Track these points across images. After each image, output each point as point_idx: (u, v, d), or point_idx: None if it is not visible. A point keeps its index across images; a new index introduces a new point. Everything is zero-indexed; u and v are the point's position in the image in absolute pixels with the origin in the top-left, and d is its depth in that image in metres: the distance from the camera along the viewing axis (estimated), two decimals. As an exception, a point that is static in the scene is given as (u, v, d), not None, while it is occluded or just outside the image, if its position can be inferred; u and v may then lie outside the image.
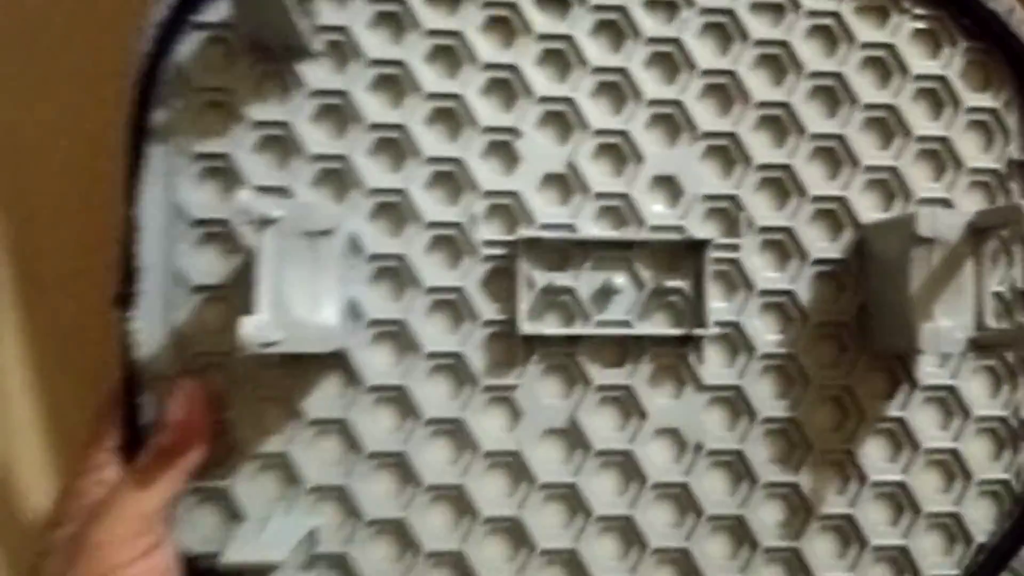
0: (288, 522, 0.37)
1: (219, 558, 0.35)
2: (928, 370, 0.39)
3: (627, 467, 0.39)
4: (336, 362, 0.38)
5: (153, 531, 0.34)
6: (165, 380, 0.37)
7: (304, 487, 0.37)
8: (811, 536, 0.39)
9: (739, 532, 0.39)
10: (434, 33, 0.39)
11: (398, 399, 0.38)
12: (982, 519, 0.40)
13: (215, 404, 0.37)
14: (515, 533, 0.38)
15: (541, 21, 0.39)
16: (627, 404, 0.39)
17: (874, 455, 0.39)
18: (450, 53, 0.39)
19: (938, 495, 0.39)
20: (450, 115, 0.39)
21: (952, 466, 0.39)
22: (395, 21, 0.39)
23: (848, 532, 0.39)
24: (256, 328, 0.31)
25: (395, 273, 0.38)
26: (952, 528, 0.39)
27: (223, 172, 0.38)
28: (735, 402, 0.39)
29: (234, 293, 0.37)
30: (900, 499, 0.39)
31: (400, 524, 0.38)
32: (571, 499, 0.38)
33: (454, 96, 0.38)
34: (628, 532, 0.38)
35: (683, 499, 0.39)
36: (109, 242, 0.38)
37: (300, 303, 0.34)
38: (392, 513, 0.38)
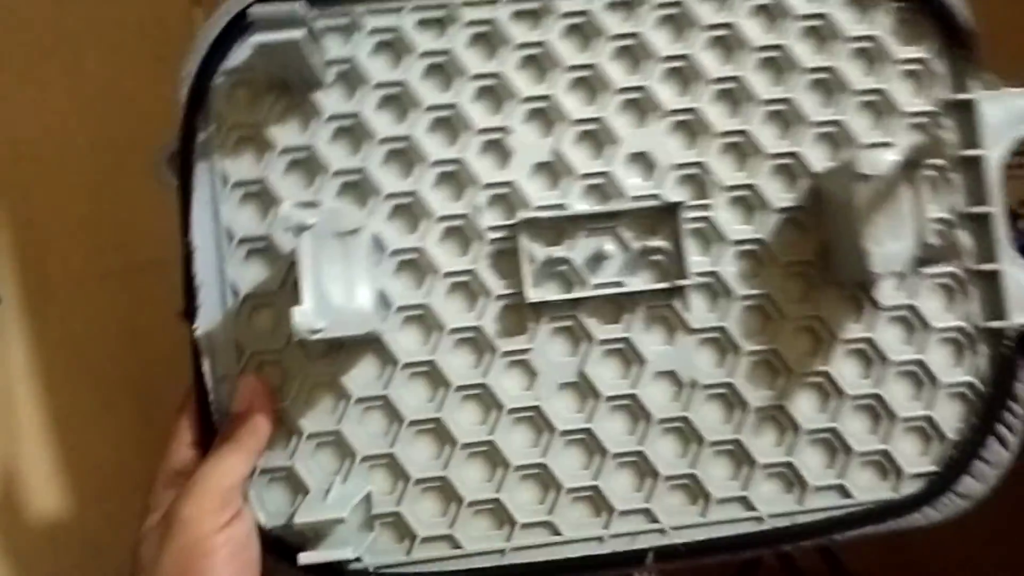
0: (346, 488, 0.43)
1: (291, 522, 0.41)
2: (888, 292, 0.45)
3: (633, 409, 0.44)
4: (373, 347, 0.44)
5: (233, 504, 0.40)
6: (229, 379, 0.43)
7: (357, 458, 0.43)
8: (802, 450, 0.44)
9: (738, 455, 0.44)
10: (427, 54, 0.45)
11: (429, 373, 0.44)
12: (952, 418, 0.45)
13: (273, 395, 0.43)
14: (543, 478, 0.44)
15: (518, 32, 0.45)
16: (627, 354, 0.44)
17: (849, 373, 0.45)
18: (442, 69, 0.45)
19: (910, 402, 0.45)
20: (448, 122, 0.45)
21: (920, 375, 0.45)
22: (393, 47, 0.45)
23: (834, 443, 0.44)
24: (304, 316, 0.38)
25: (415, 264, 0.44)
26: (926, 429, 0.45)
27: (260, 195, 0.44)
28: (721, 341, 0.44)
29: (279, 299, 0.43)
30: (877, 409, 0.45)
31: (443, 480, 0.44)
32: (588, 443, 0.44)
33: (450, 106, 0.44)
34: (641, 466, 0.44)
35: (686, 431, 0.44)
36: (116, 249, 0.42)
37: (337, 294, 0.40)
38: (434, 472, 0.44)
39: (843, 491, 0.44)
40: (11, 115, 0.50)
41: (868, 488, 0.44)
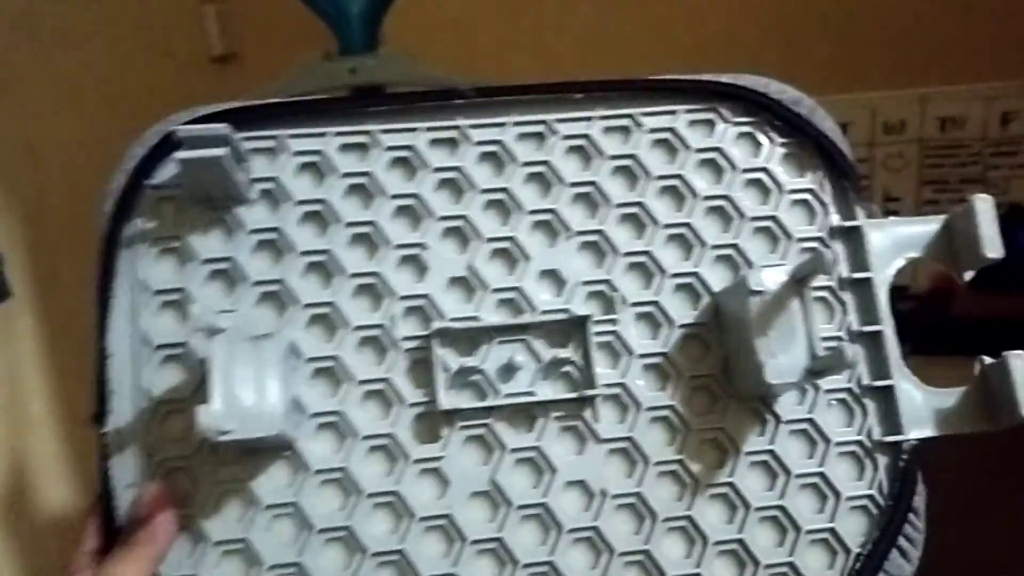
0: (252, 599, 0.42)
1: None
2: (788, 407, 0.46)
3: (544, 518, 0.44)
4: (285, 453, 0.44)
5: None
6: (135, 485, 0.43)
7: (263, 567, 0.43)
8: (710, 562, 0.45)
9: (647, 567, 0.44)
10: (349, 175, 0.47)
11: (341, 480, 0.44)
12: (855, 531, 0.46)
13: (174, 501, 0.43)
14: (454, 589, 0.43)
15: (435, 157, 0.48)
16: (538, 463, 0.45)
17: (754, 485, 0.46)
18: (363, 189, 0.47)
19: (814, 514, 0.46)
20: (367, 238, 0.47)
21: (822, 487, 0.46)
22: (316, 168, 0.47)
23: (742, 555, 0.45)
24: (210, 416, 0.38)
25: (330, 372, 0.45)
26: (831, 542, 0.45)
27: (180, 303, 0.45)
28: (630, 451, 0.45)
29: (192, 404, 0.43)
30: (782, 521, 0.45)
31: (352, 591, 0.43)
32: (499, 552, 0.44)
33: (369, 223, 0.47)
34: (552, 576, 0.44)
35: (596, 541, 0.44)
36: None
37: (248, 396, 0.40)
38: (344, 583, 0.43)
39: (752, 603, 0.44)
40: (25, 114, 0.51)
41: (776, 600, 0.45)
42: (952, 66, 0.87)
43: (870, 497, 0.46)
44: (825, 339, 0.45)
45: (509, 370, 0.45)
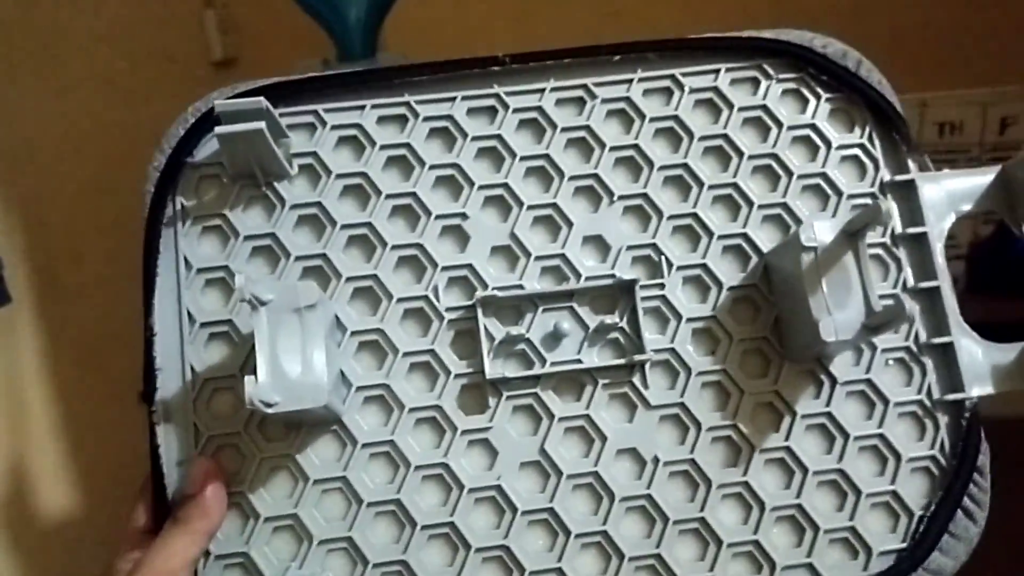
0: (302, 574, 0.42)
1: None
2: (844, 368, 0.45)
3: (596, 487, 0.44)
4: (332, 428, 0.44)
5: None
6: (185, 463, 0.43)
7: (314, 542, 0.42)
8: (768, 528, 0.43)
9: (704, 534, 0.43)
10: (387, 147, 0.47)
11: (389, 453, 0.44)
12: (917, 493, 0.44)
13: (226, 477, 0.42)
14: (505, 560, 0.43)
15: (474, 126, 0.47)
16: (588, 431, 0.44)
17: (812, 448, 0.44)
18: (402, 160, 0.47)
19: (874, 477, 0.44)
20: (407, 210, 0.46)
21: (882, 449, 0.45)
22: (355, 141, 0.47)
23: (800, 521, 0.44)
24: (257, 388, 0.38)
25: (375, 345, 0.45)
26: (892, 505, 0.44)
27: (223, 281, 0.45)
28: (681, 418, 0.44)
29: (238, 382, 0.44)
30: (842, 485, 0.44)
31: (402, 564, 0.42)
32: (551, 523, 0.43)
33: (409, 194, 0.46)
34: (606, 547, 0.43)
35: (650, 510, 0.43)
36: (128, 253, 0.42)
37: (294, 368, 0.40)
38: (394, 556, 0.42)
39: (812, 570, 0.43)
40: (26, 118, 0.51)
41: (837, 566, 0.43)
42: (951, 71, 0.87)
43: (932, 458, 0.45)
44: (881, 297, 0.44)
45: (555, 338, 0.45)
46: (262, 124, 0.42)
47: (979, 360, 0.45)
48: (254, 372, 0.39)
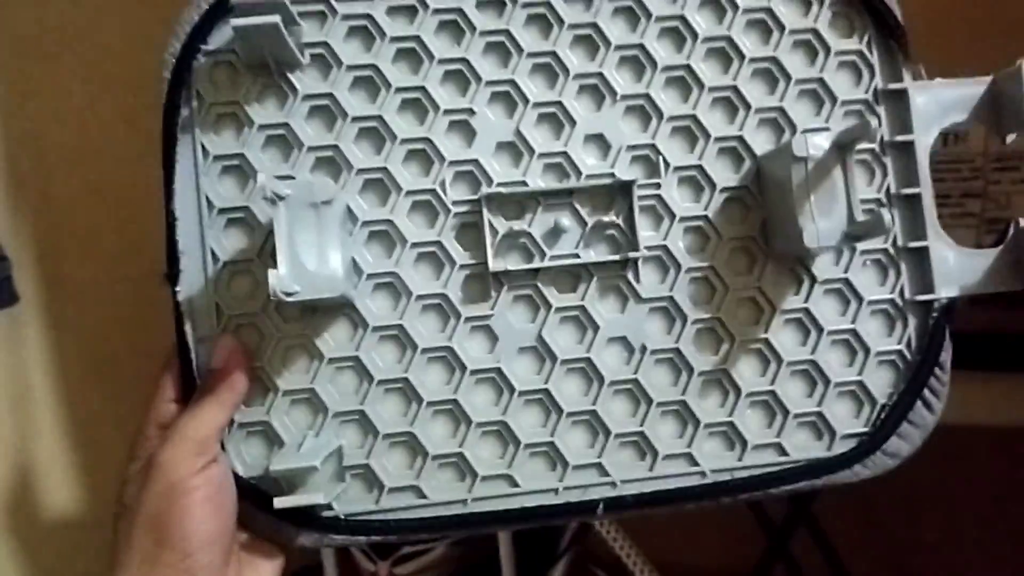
0: (319, 441, 0.46)
1: (267, 472, 0.44)
2: (824, 267, 0.48)
3: (588, 371, 0.47)
4: (345, 311, 0.47)
5: (209, 451, 0.42)
6: (209, 340, 0.46)
7: (329, 414, 0.46)
8: (743, 411, 0.48)
9: (684, 415, 0.48)
10: (397, 39, 0.48)
11: (397, 336, 0.47)
12: (882, 383, 0.48)
13: (248, 353, 0.46)
14: (503, 435, 0.47)
15: (482, 20, 0.48)
16: (582, 321, 0.48)
17: (788, 341, 0.48)
18: (412, 54, 0.48)
19: (844, 368, 0.48)
20: (416, 104, 0.48)
21: (853, 343, 0.48)
22: (365, 33, 0.48)
23: (772, 406, 0.48)
24: (279, 280, 0.41)
25: (385, 235, 0.47)
26: (858, 394, 0.48)
27: (239, 168, 0.47)
28: (670, 310, 0.48)
29: (256, 265, 0.46)
30: (813, 375, 0.48)
31: (409, 436, 0.47)
32: (545, 402, 0.47)
33: (418, 88, 0.48)
34: (594, 424, 0.47)
35: (636, 393, 0.48)
36: (134, 253, 0.44)
37: (311, 260, 0.43)
38: (402, 428, 0.47)
39: (780, 449, 0.48)
40: (35, 119, 0.51)
41: (803, 447, 0.48)
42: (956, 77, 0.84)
43: (899, 352, 0.48)
44: (864, 202, 0.46)
45: (555, 233, 0.47)
46: (277, 18, 0.43)
47: (950, 265, 0.48)
48: (273, 259, 0.42)
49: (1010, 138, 0.48)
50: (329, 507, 0.46)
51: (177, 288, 0.46)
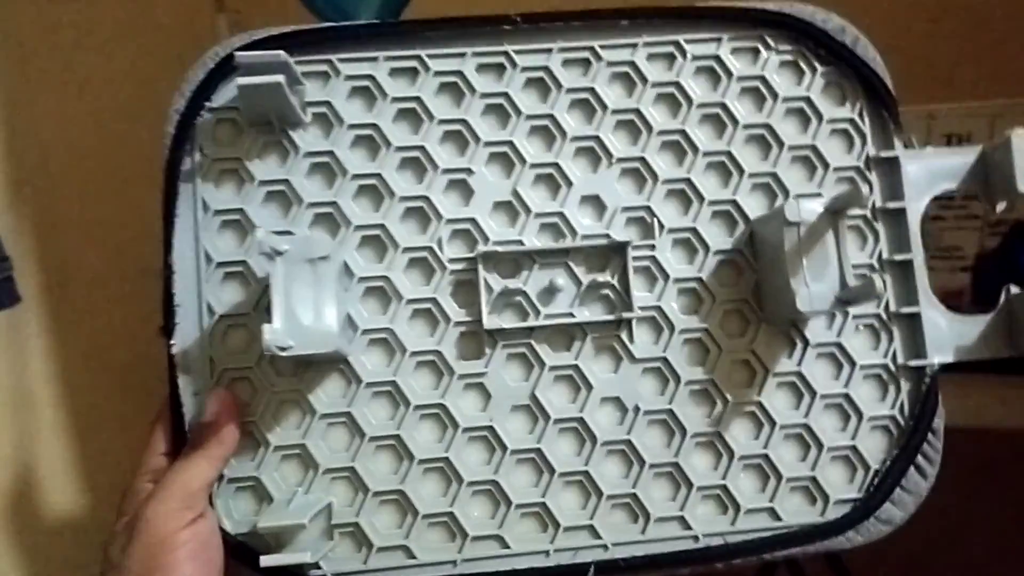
0: (308, 498, 0.46)
1: (255, 528, 0.44)
2: (817, 331, 0.48)
3: (580, 431, 0.47)
4: (339, 367, 0.47)
5: (196, 506, 0.42)
6: (202, 393, 0.46)
7: (319, 470, 0.46)
8: (736, 474, 0.47)
9: (677, 477, 0.47)
10: (398, 99, 0.49)
11: (391, 392, 0.47)
12: (875, 449, 0.48)
13: (241, 409, 0.46)
14: (494, 494, 0.47)
15: (482, 83, 0.49)
16: (576, 380, 0.48)
17: (781, 404, 0.48)
18: (412, 114, 0.49)
19: (837, 432, 0.48)
20: (416, 162, 0.48)
21: (846, 408, 0.48)
22: (367, 92, 0.49)
23: (766, 469, 0.48)
24: (274, 334, 0.41)
25: (381, 291, 0.47)
26: (852, 459, 0.48)
27: (238, 223, 0.47)
28: (663, 371, 0.48)
29: (252, 319, 0.47)
30: (806, 439, 0.48)
31: (400, 494, 0.46)
32: (538, 462, 0.47)
33: (418, 147, 0.48)
34: (586, 485, 0.47)
35: (629, 454, 0.47)
36: (135, 253, 0.44)
37: (306, 315, 0.43)
38: (392, 486, 0.46)
39: (773, 514, 0.47)
40: (37, 120, 0.51)
41: (797, 512, 0.48)
42: (959, 84, 0.87)
43: (892, 418, 0.48)
44: (856, 267, 0.47)
45: (550, 292, 0.48)
46: (281, 77, 0.44)
47: (943, 330, 0.49)
48: (268, 314, 0.42)
49: (1000, 207, 0.49)
50: (316, 566, 0.45)
51: (172, 341, 0.46)
